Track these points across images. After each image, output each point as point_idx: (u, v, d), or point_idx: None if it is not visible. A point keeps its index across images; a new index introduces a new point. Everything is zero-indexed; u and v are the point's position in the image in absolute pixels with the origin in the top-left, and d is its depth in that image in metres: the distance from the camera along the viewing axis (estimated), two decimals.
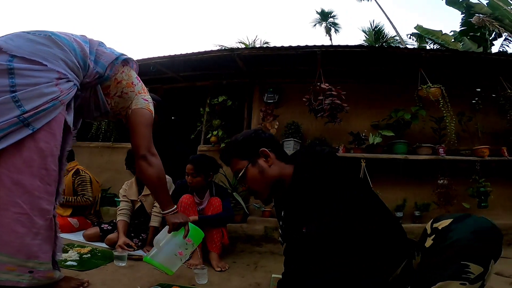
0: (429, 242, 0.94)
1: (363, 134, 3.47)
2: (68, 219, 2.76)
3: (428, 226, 0.99)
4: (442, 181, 3.18)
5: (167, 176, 2.65)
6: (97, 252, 2.14)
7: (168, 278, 1.70)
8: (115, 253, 1.91)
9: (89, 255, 2.03)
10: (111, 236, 2.40)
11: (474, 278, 0.82)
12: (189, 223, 1.54)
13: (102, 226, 2.63)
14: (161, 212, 1.55)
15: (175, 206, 1.53)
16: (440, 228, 0.93)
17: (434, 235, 0.93)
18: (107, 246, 2.35)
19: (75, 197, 2.82)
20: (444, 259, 0.86)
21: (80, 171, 2.92)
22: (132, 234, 2.47)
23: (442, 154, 3.28)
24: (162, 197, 1.51)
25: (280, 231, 1.30)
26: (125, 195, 2.67)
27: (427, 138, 3.52)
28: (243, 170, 1.16)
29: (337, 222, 0.98)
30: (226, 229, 2.40)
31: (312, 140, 3.69)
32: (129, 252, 2.03)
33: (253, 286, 1.72)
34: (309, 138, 3.81)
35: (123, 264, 1.88)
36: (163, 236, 1.51)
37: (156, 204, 2.50)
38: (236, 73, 4.26)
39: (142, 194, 2.63)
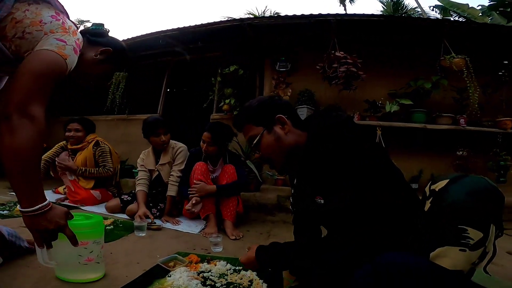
0: (427, 206, 0.90)
1: (379, 102, 3.39)
2: (91, 191, 2.84)
3: (427, 188, 0.94)
4: (461, 152, 3.11)
5: (182, 144, 2.72)
6: (119, 223, 2.25)
7: (186, 247, 1.80)
8: (135, 224, 2.00)
9: (111, 226, 2.13)
10: (131, 206, 2.50)
11: (474, 244, 0.78)
12: (69, 221, 1.08)
13: (122, 197, 2.71)
14: (20, 209, 0.99)
15: (46, 202, 1.01)
16: (437, 190, 0.88)
17: (431, 198, 0.89)
18: (127, 217, 2.46)
19: (97, 169, 2.88)
20: (442, 223, 0.82)
21: (100, 142, 2.96)
22: (151, 204, 2.55)
23: (463, 125, 3.18)
24: (19, 184, 0.95)
25: (291, 199, 1.29)
26: (142, 165, 2.73)
27: (447, 108, 3.41)
28: (258, 137, 1.11)
29: (357, 194, 0.94)
30: (240, 196, 2.45)
31: (326, 107, 3.65)
32: (148, 223, 2.13)
33: None
34: (322, 105, 3.77)
35: (143, 234, 1.98)
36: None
37: (173, 173, 2.57)
38: (247, 43, 4.18)
39: (159, 163, 2.67)
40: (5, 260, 1.33)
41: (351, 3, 15.46)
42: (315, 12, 3.45)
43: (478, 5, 8.91)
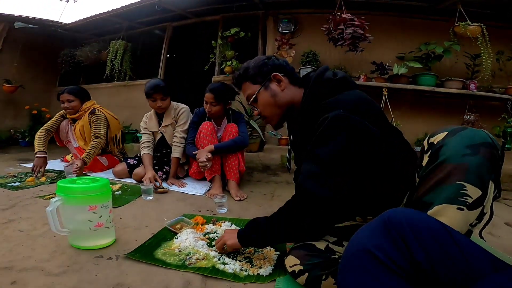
0: (425, 160, 0.87)
1: (387, 65, 3.33)
2: (97, 157, 2.86)
3: (425, 141, 0.91)
4: (468, 116, 3.11)
5: (184, 105, 2.72)
6: (127, 188, 2.31)
7: (192, 209, 1.88)
8: (142, 188, 2.06)
9: (120, 191, 2.19)
10: (138, 170, 2.54)
11: (472, 202, 0.75)
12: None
13: (128, 161, 2.75)
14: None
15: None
16: (435, 142, 0.85)
17: (429, 151, 0.85)
18: (135, 182, 2.52)
19: (91, 144, 2.68)
20: (440, 179, 0.79)
21: (96, 110, 2.88)
22: (156, 167, 2.59)
23: (473, 89, 3.18)
24: None
25: (287, 155, 1.35)
26: (146, 128, 2.74)
27: (458, 73, 3.38)
28: (255, 94, 1.17)
29: (353, 155, 0.93)
30: (243, 156, 2.47)
31: (326, 66, 3.58)
32: (154, 186, 2.19)
33: (270, 214, 1.86)
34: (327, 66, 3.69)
35: (150, 198, 2.05)
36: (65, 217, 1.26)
37: (176, 134, 2.58)
38: (248, 4, 4.04)
39: (162, 125, 2.67)
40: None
41: None
42: None
43: None
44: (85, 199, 1.22)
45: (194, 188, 2.37)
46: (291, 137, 1.29)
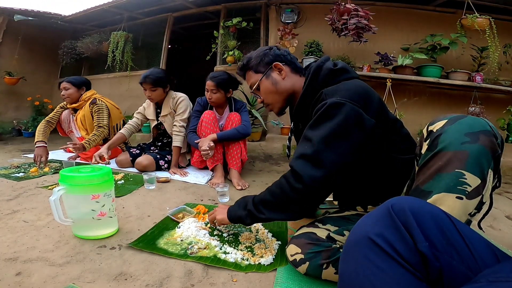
0: (424, 148, 0.86)
1: (391, 55, 3.29)
2: (100, 147, 2.82)
3: (424, 129, 0.90)
4: (473, 108, 3.11)
5: (183, 94, 2.70)
6: (129, 177, 2.32)
7: (194, 198, 1.88)
8: (144, 177, 2.07)
9: (122, 181, 2.20)
10: (140, 159, 2.54)
11: (471, 191, 0.74)
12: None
13: (130, 150, 2.75)
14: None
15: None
16: (434, 130, 0.84)
17: (429, 139, 0.85)
18: (137, 171, 2.54)
19: (93, 135, 2.71)
20: (439, 167, 0.78)
21: (97, 100, 2.89)
22: (158, 156, 2.60)
23: (479, 82, 3.17)
24: None
25: (287, 142, 1.40)
26: (139, 112, 2.77)
27: (463, 65, 3.39)
28: (257, 83, 1.23)
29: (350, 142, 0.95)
30: (245, 145, 2.47)
31: (327, 56, 3.59)
32: (157, 176, 2.20)
33: None
34: (330, 56, 3.65)
35: (153, 187, 2.06)
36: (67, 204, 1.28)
37: (176, 123, 2.58)
38: None
39: (161, 115, 2.67)
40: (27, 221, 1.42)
41: None
42: None
43: None
44: (87, 188, 1.22)
45: (196, 177, 2.38)
46: (292, 124, 1.34)
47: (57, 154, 3.15)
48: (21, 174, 2.32)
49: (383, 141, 1.04)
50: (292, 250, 1.05)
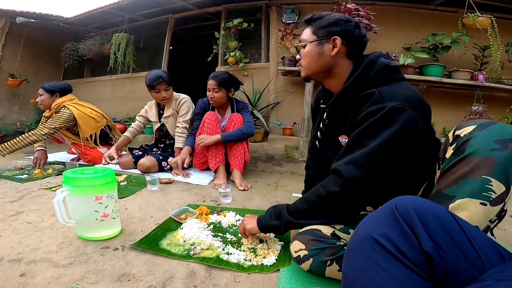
0: (449, 152, 0.85)
1: (393, 55, 3.30)
2: (98, 149, 2.84)
3: (450, 134, 0.89)
4: (476, 107, 3.10)
5: (185, 95, 2.71)
6: (132, 179, 2.33)
7: (196, 199, 1.88)
8: (147, 178, 2.07)
9: (125, 182, 2.20)
10: (142, 161, 2.53)
11: (495, 198, 0.74)
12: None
13: (133, 152, 2.75)
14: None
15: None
16: (462, 135, 0.83)
17: (455, 144, 0.84)
18: (140, 172, 2.54)
19: (16, 139, 2.49)
20: (465, 172, 0.77)
21: (66, 107, 2.70)
22: (161, 157, 2.60)
23: (482, 81, 3.17)
24: None
25: (312, 132, 1.33)
26: (141, 115, 2.79)
27: (466, 64, 3.39)
28: (305, 43, 1.15)
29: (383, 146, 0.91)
30: (248, 145, 2.47)
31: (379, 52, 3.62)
32: (159, 177, 2.20)
33: (274, 204, 1.85)
34: None
35: (156, 188, 2.06)
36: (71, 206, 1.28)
37: (178, 124, 2.59)
38: None
39: (163, 116, 2.68)
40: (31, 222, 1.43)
41: None
42: None
43: None
44: (91, 189, 1.23)
45: (198, 178, 2.38)
46: (324, 112, 1.25)
47: (60, 156, 3.16)
48: (24, 176, 2.33)
49: (427, 147, 1.02)
50: (297, 247, 1.04)
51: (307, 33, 1.16)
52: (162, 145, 2.85)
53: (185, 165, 2.45)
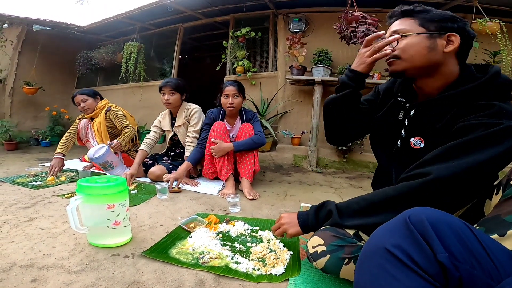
0: None
1: None
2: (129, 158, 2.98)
3: None
4: None
5: (196, 106, 2.75)
6: (142, 187, 2.35)
7: (205, 208, 1.89)
8: (157, 187, 2.09)
9: (135, 191, 2.23)
10: (153, 169, 2.57)
11: None
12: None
13: (144, 161, 2.77)
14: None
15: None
16: None
17: None
18: (150, 181, 2.57)
19: (121, 137, 2.76)
20: None
21: (112, 107, 2.99)
22: (170, 166, 2.64)
23: None
24: None
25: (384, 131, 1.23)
26: (156, 126, 2.82)
27: None
28: (410, 34, 1.02)
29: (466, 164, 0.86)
30: (258, 155, 2.48)
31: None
32: (169, 186, 2.22)
33: (283, 213, 1.85)
34: (339, 65, 3.69)
35: (165, 197, 2.08)
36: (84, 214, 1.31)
37: (189, 134, 2.63)
38: (258, 5, 4.12)
39: (175, 125, 2.73)
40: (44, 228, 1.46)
41: None
42: None
43: None
44: (103, 197, 1.25)
45: (207, 188, 2.39)
46: (411, 110, 1.14)
47: (73, 163, 3.22)
48: (38, 182, 2.37)
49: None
50: (315, 242, 1.01)
51: (409, 24, 1.05)
52: (172, 154, 2.88)
53: (181, 185, 2.36)
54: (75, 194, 1.27)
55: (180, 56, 5.23)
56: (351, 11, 3.01)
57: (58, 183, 2.38)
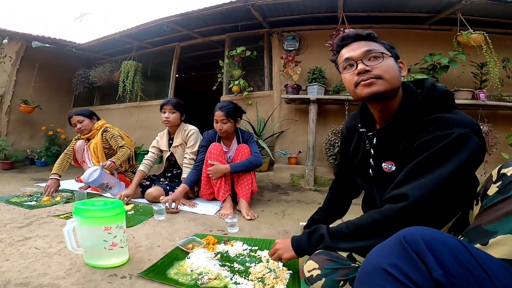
0: (493, 190, 0.83)
1: None
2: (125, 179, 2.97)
3: (494, 171, 0.87)
4: (481, 127, 3.06)
5: (194, 127, 2.78)
6: (139, 208, 2.34)
7: (203, 229, 1.88)
8: (154, 208, 2.08)
9: (132, 212, 2.21)
10: (150, 191, 2.57)
11: None
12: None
13: (141, 182, 2.75)
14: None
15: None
16: (509, 174, 0.81)
17: (500, 182, 0.81)
18: (147, 202, 2.56)
19: (116, 156, 2.75)
20: (509, 210, 0.74)
21: (108, 128, 3.00)
22: (168, 188, 2.64)
23: (483, 99, 3.14)
24: None
25: (357, 162, 1.27)
26: (154, 146, 2.83)
27: (466, 83, 3.40)
28: (384, 53, 1.07)
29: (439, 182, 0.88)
30: (255, 175, 2.49)
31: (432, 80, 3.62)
32: (166, 207, 2.21)
33: (282, 233, 1.84)
34: (333, 82, 3.77)
35: (162, 218, 2.06)
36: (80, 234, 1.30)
37: (186, 155, 2.64)
38: (252, 24, 4.24)
39: (172, 145, 2.74)
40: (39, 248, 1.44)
41: None
42: None
43: None
44: (100, 220, 1.25)
45: (205, 208, 2.38)
46: (367, 138, 1.21)
47: (69, 184, 3.20)
48: (33, 202, 2.35)
49: (475, 179, 1.02)
50: (310, 266, 1.03)
51: (380, 47, 1.10)
52: (169, 174, 2.88)
53: (179, 206, 2.35)
54: (71, 215, 1.26)
55: (177, 75, 5.30)
56: (342, 28, 3.12)
57: (54, 204, 2.36)
